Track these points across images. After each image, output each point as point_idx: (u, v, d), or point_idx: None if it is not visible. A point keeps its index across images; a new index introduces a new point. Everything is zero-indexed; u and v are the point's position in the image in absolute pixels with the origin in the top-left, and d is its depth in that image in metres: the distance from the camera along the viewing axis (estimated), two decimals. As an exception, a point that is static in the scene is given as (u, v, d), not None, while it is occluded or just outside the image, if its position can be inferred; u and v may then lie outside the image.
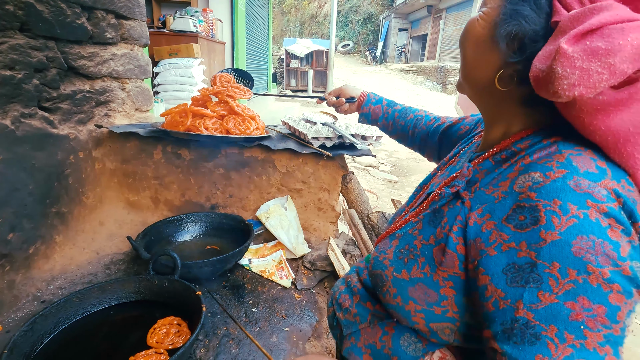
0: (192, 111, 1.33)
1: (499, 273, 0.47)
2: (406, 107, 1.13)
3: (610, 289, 0.41)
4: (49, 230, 1.18)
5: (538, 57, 0.46)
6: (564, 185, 0.45)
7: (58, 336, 0.89)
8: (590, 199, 0.44)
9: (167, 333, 0.91)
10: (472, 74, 0.59)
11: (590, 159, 0.47)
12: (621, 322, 0.42)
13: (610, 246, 0.42)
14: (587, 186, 0.44)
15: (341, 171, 1.49)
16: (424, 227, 0.63)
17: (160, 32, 3.96)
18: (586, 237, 0.42)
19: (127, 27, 1.55)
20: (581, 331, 0.41)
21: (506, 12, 0.51)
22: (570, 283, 0.42)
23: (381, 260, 0.68)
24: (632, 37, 0.40)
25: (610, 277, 0.41)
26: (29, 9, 1.05)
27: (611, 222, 0.43)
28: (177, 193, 1.55)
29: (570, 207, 0.43)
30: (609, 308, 0.41)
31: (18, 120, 1.05)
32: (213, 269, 1.16)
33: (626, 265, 0.42)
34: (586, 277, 0.42)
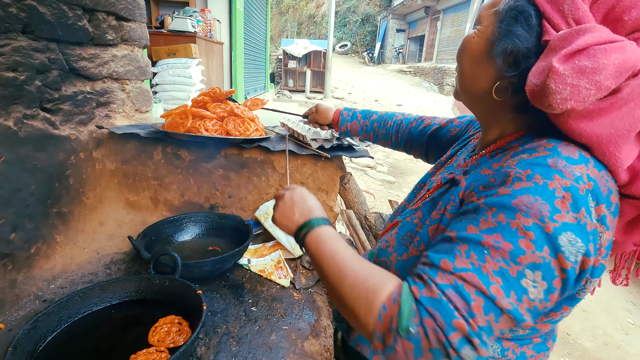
0: (192, 113, 1.35)
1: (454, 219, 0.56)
2: (383, 115, 1.19)
3: (524, 235, 0.48)
4: (50, 230, 1.19)
5: (532, 73, 0.52)
6: (543, 161, 0.51)
7: (60, 334, 0.91)
8: (559, 174, 0.49)
9: (169, 332, 0.93)
10: (469, 86, 0.65)
11: (575, 150, 0.53)
12: (521, 266, 0.48)
13: (548, 208, 0.48)
14: (562, 165, 0.50)
15: (339, 172, 1.51)
16: (424, 214, 0.70)
17: (159, 32, 3.97)
18: (532, 197, 0.48)
19: (128, 29, 1.56)
20: (484, 255, 0.49)
21: (501, 32, 0.57)
22: (495, 222, 0.50)
23: (384, 248, 0.75)
24: (614, 57, 0.46)
25: (530, 226, 0.48)
26: (32, 11, 1.06)
27: (566, 196, 0.48)
28: (177, 193, 1.56)
29: (536, 176, 0.50)
30: (515, 248, 0.48)
31: (20, 121, 1.06)
32: (213, 268, 1.18)
33: (551, 226, 0.47)
34: (510, 221, 0.49)
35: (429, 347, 0.48)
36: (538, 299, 0.49)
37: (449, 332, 0.47)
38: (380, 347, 0.52)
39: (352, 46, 23.31)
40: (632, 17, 0.49)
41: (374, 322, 0.52)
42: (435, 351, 0.47)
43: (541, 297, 0.49)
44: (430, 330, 0.47)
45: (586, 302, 2.53)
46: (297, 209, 0.74)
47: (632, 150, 0.52)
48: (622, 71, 0.47)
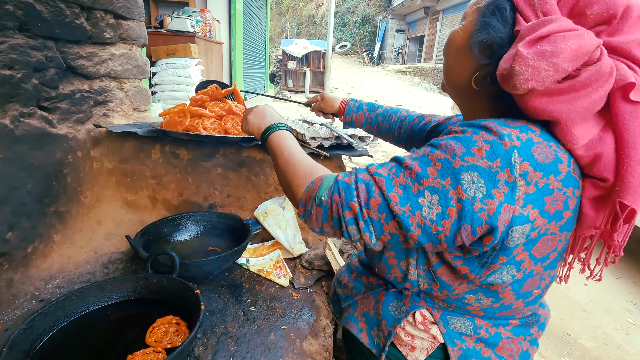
0: (190, 111, 1.34)
1: None
2: (388, 110, 1.22)
3: (433, 165, 0.58)
4: (47, 229, 1.18)
5: (503, 59, 0.58)
6: (478, 123, 0.59)
7: (57, 334, 0.90)
8: (486, 132, 0.57)
9: (166, 332, 0.92)
10: (453, 77, 0.72)
11: (521, 123, 0.59)
12: (422, 187, 0.58)
13: (463, 150, 0.56)
14: (492, 126, 0.57)
15: (338, 171, 1.50)
16: None
17: (158, 32, 3.96)
18: (454, 142, 0.58)
19: (126, 27, 1.55)
20: (399, 172, 0.60)
21: (479, 24, 0.62)
22: (419, 153, 0.61)
23: None
24: (572, 42, 0.52)
25: (441, 159, 0.57)
26: (29, 9, 1.06)
27: (484, 146, 0.56)
28: (175, 193, 1.55)
29: (468, 131, 0.58)
30: (422, 172, 0.58)
31: (17, 119, 1.05)
32: (211, 268, 1.17)
33: (459, 163, 0.56)
34: (429, 153, 0.60)
35: (331, 216, 0.63)
36: (429, 219, 0.58)
37: (344, 209, 0.61)
38: (302, 212, 0.67)
39: (352, 46, 23.32)
40: (593, 11, 0.56)
41: (302, 192, 0.67)
42: (334, 220, 0.63)
43: (433, 219, 0.58)
44: (334, 203, 0.62)
45: (586, 301, 2.52)
46: (268, 115, 0.90)
47: (589, 130, 0.58)
48: (579, 55, 0.52)
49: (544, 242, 0.62)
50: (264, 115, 0.90)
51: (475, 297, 0.70)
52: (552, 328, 2.25)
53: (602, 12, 0.55)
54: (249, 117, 0.93)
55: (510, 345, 0.74)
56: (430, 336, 0.75)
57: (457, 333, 0.74)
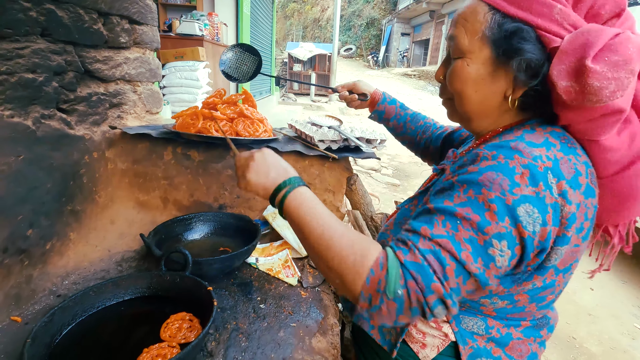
0: (203, 114, 1.38)
1: (432, 194, 0.63)
2: (416, 113, 1.23)
3: (488, 208, 0.55)
4: (64, 227, 1.22)
5: (557, 76, 0.57)
6: (507, 144, 0.59)
7: (75, 328, 0.93)
8: (519, 154, 0.56)
9: (180, 328, 0.95)
10: (478, 108, 0.69)
11: (541, 137, 0.60)
12: (487, 236, 0.54)
13: (508, 182, 0.55)
14: (522, 147, 0.57)
15: (346, 173, 1.53)
16: (419, 201, 0.78)
17: (167, 36, 4.02)
18: (495, 174, 0.56)
19: (140, 32, 1.60)
20: (457, 225, 0.56)
21: (507, 51, 0.62)
22: (466, 197, 0.57)
23: (384, 231, 0.82)
24: (631, 45, 0.53)
25: (492, 199, 0.55)
26: (50, 14, 1.10)
27: (524, 172, 0.55)
28: (186, 193, 1.59)
29: (500, 156, 0.57)
30: (482, 220, 0.55)
31: (38, 121, 1.09)
32: (222, 266, 1.20)
33: (511, 198, 0.54)
34: (477, 196, 0.56)
35: (410, 307, 0.55)
36: (503, 266, 0.56)
37: (427, 294, 0.54)
38: (366, 307, 0.58)
39: (357, 50, 23.39)
40: (607, 10, 0.59)
41: (362, 284, 0.57)
42: (414, 310, 0.55)
43: (505, 264, 0.56)
44: (413, 292, 0.54)
45: (592, 306, 2.51)
46: (273, 168, 0.73)
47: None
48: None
49: (569, 255, 0.64)
50: (268, 170, 0.73)
51: (491, 300, 0.71)
52: (558, 332, 2.25)
53: (614, 8, 0.58)
54: (248, 176, 0.74)
55: (520, 346, 0.75)
56: (442, 334, 0.76)
57: (469, 332, 0.74)
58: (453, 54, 0.68)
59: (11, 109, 1.00)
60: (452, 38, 0.68)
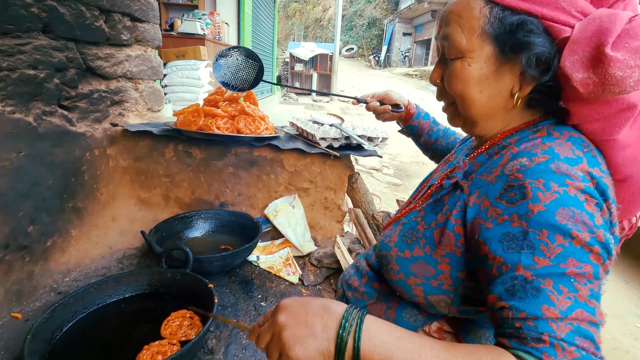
0: (204, 111, 1.38)
1: (496, 242, 0.53)
2: (447, 128, 1.12)
3: (590, 250, 0.49)
4: (66, 224, 1.22)
5: (572, 68, 0.53)
6: (546, 167, 0.53)
7: (76, 324, 0.93)
8: (568, 178, 0.52)
9: (180, 325, 0.95)
10: (483, 109, 0.64)
11: (569, 149, 0.56)
12: (600, 280, 0.49)
13: (587, 216, 0.50)
14: (565, 168, 0.52)
15: (347, 171, 1.52)
16: (426, 214, 0.71)
17: (168, 35, 4.02)
18: (567, 209, 0.50)
19: (141, 30, 1.60)
20: (572, 284, 0.48)
21: (513, 46, 0.57)
22: (559, 247, 0.49)
23: (387, 243, 0.76)
24: None
25: (589, 241, 0.49)
26: (52, 11, 1.10)
27: (587, 197, 0.51)
28: (187, 191, 1.59)
29: (552, 184, 0.52)
30: (594, 267, 0.48)
31: (40, 117, 1.09)
32: (223, 263, 1.20)
33: (600, 232, 0.50)
34: (571, 240, 0.49)
35: None
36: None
37: None
38: None
39: (359, 49, 23.37)
40: None
41: None
42: None
43: None
44: None
45: (594, 306, 2.50)
46: (305, 325, 0.50)
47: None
48: None
49: None
50: (306, 319, 0.51)
51: None
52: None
53: None
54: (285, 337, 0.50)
55: None
56: None
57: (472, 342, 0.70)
58: (449, 54, 0.64)
59: (12, 105, 1.00)
60: (445, 37, 0.63)
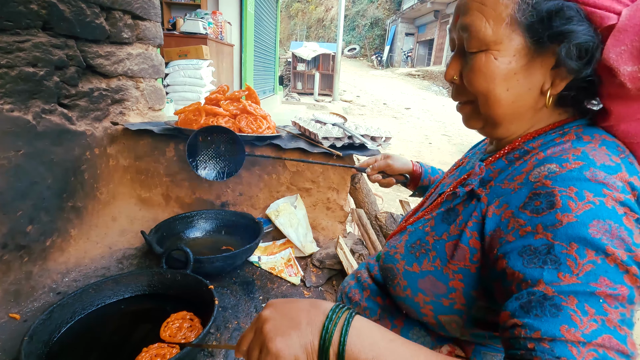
0: (205, 110, 1.36)
1: (515, 255, 0.47)
2: None
3: (626, 270, 0.42)
4: (65, 223, 1.21)
5: (619, 60, 0.48)
6: (580, 174, 0.46)
7: (74, 325, 0.91)
8: (606, 188, 0.45)
9: (180, 327, 0.93)
10: (512, 109, 0.57)
11: (605, 155, 0.49)
12: (634, 304, 0.42)
13: (625, 232, 0.43)
14: (602, 177, 0.46)
15: (350, 171, 1.50)
16: (437, 224, 0.64)
17: (171, 34, 4.01)
18: (602, 221, 0.43)
19: (143, 28, 1.58)
20: (601, 306, 0.40)
21: (551, 36, 0.51)
22: (589, 264, 0.42)
23: (392, 254, 0.69)
24: None
25: (626, 260, 0.42)
26: (52, 8, 1.08)
27: (626, 211, 0.45)
28: (188, 190, 1.57)
29: (586, 194, 0.45)
30: (630, 291, 0.41)
31: (39, 115, 1.08)
32: (224, 264, 1.18)
33: (639, 252, 0.43)
34: (605, 257, 0.42)
35: None
36: None
37: None
38: None
39: (361, 49, 23.34)
40: None
41: None
42: None
43: None
44: None
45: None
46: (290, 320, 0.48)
47: None
48: None
49: None
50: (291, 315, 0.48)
51: None
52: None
53: None
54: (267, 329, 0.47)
55: None
56: None
57: None
58: (470, 47, 0.56)
59: (11, 102, 0.99)
60: (465, 28, 0.55)
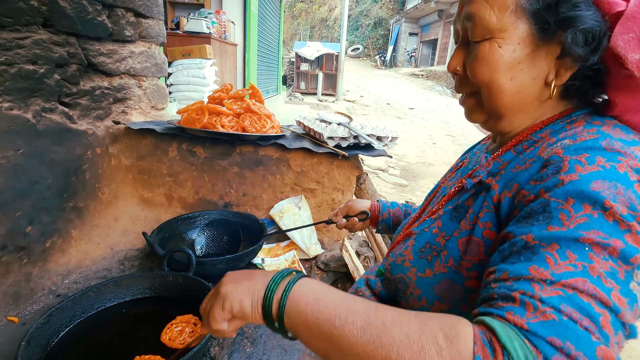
0: (208, 109, 1.34)
1: (513, 222, 0.45)
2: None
3: (628, 228, 0.38)
4: (66, 224, 1.19)
5: (626, 48, 0.46)
6: (595, 143, 0.44)
7: (74, 329, 0.89)
8: (622, 156, 0.43)
9: (182, 331, 0.91)
10: (515, 100, 0.55)
11: (621, 132, 0.47)
12: (632, 267, 0.37)
13: (634, 195, 0.40)
14: (619, 147, 0.44)
15: (355, 172, 1.47)
16: (445, 223, 0.61)
17: (174, 33, 4.00)
18: (609, 182, 0.40)
19: (145, 26, 1.56)
20: (586, 253, 0.37)
21: (557, 22, 0.49)
22: (583, 217, 0.39)
23: (400, 263, 0.65)
24: None
25: (626, 216, 0.38)
26: (53, 4, 1.06)
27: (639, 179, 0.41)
28: (191, 191, 1.55)
29: (598, 159, 0.42)
30: (627, 246, 0.37)
31: (39, 114, 1.06)
32: (227, 266, 1.15)
33: None
34: (602, 212, 0.39)
35: None
36: None
37: None
38: None
39: (364, 49, 23.29)
40: None
41: None
42: None
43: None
44: None
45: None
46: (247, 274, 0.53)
47: None
48: None
49: None
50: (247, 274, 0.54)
51: None
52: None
53: None
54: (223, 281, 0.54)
55: None
56: None
57: None
58: (474, 36, 0.54)
59: (10, 100, 0.97)
60: (469, 17, 0.54)
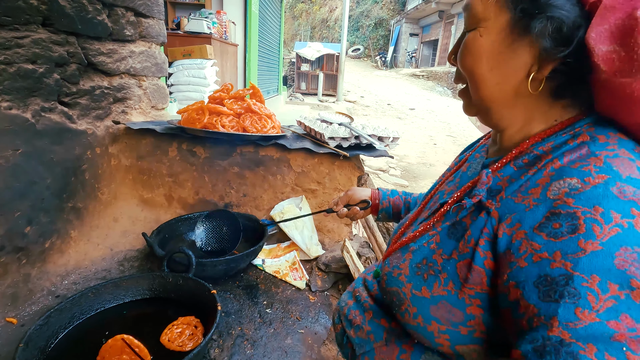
0: (209, 109, 1.33)
1: (530, 286, 0.42)
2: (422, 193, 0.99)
3: None
4: (65, 224, 1.18)
5: (597, 39, 0.43)
6: (606, 191, 0.41)
7: (72, 331, 0.88)
8: (635, 207, 0.40)
9: (181, 333, 0.90)
10: (494, 92, 0.54)
11: (629, 161, 0.44)
12: None
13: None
14: (632, 193, 0.41)
15: (357, 172, 1.46)
16: (443, 240, 0.58)
17: (175, 34, 4.00)
18: (630, 249, 0.38)
19: (146, 25, 1.56)
20: (623, 354, 0.36)
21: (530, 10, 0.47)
22: (611, 299, 0.38)
23: (396, 276, 0.62)
24: None
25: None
26: (52, 3, 1.06)
27: None
28: (191, 191, 1.54)
29: (613, 215, 0.40)
30: None
31: (38, 113, 1.05)
32: (227, 267, 1.14)
33: None
34: (629, 292, 0.37)
35: None
36: None
37: None
38: None
39: (365, 50, 23.28)
40: None
41: None
42: None
43: None
44: None
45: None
46: None
47: None
48: None
49: None
50: None
51: None
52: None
53: None
54: None
55: None
56: None
57: None
58: (466, 26, 0.55)
59: (9, 100, 0.96)
60: (467, 7, 0.55)
